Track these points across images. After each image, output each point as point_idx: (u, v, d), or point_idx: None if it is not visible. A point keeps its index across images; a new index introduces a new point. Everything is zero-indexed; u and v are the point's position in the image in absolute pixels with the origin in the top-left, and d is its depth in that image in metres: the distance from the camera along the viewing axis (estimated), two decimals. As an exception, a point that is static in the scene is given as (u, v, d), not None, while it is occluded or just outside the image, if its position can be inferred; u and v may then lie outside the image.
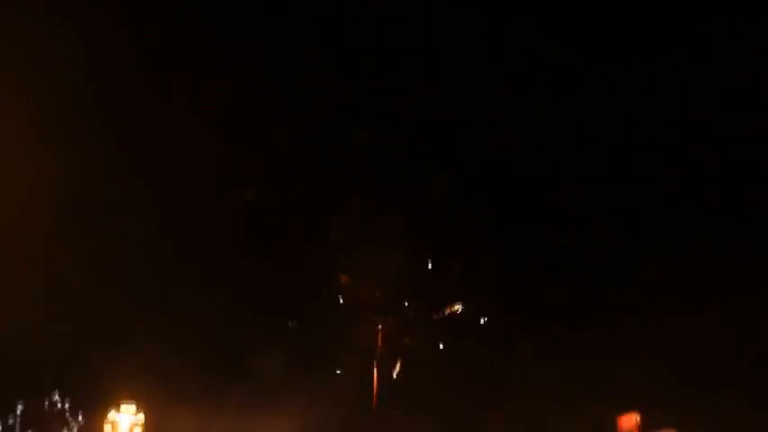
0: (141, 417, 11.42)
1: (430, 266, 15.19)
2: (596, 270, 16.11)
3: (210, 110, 12.53)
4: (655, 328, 15.56)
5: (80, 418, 16.32)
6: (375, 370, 14.92)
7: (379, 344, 15.35)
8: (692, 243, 14.85)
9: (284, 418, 14.85)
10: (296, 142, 13.10)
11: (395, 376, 14.82)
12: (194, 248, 14.67)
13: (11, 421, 16.41)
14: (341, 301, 14.69)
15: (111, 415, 11.38)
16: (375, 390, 14.51)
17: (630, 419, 16.89)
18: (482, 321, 15.10)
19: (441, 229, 14.83)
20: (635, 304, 15.77)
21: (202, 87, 12.60)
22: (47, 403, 17.44)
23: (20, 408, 17.09)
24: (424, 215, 14.55)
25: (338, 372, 14.66)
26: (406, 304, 14.77)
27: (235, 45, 12.51)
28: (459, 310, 15.56)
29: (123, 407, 11.32)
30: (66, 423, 15.98)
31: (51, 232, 13.32)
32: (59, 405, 17.24)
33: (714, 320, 14.04)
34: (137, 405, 11.41)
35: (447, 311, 15.28)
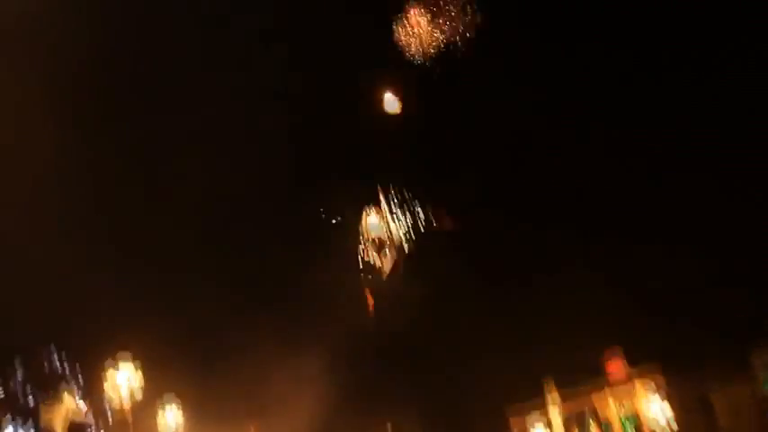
0: (139, 373, 11.89)
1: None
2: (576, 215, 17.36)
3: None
4: (628, 266, 15.85)
5: (80, 378, 16.95)
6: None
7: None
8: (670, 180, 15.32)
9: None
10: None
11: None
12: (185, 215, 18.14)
13: (12, 384, 16.72)
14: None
15: (110, 373, 11.77)
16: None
17: (618, 363, 18.67)
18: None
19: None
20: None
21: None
22: (46, 365, 18.06)
23: (20, 372, 17.24)
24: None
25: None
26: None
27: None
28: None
29: (120, 355, 11.75)
30: (67, 383, 16.68)
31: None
32: (59, 366, 18.01)
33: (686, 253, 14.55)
34: (132, 357, 11.69)
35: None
